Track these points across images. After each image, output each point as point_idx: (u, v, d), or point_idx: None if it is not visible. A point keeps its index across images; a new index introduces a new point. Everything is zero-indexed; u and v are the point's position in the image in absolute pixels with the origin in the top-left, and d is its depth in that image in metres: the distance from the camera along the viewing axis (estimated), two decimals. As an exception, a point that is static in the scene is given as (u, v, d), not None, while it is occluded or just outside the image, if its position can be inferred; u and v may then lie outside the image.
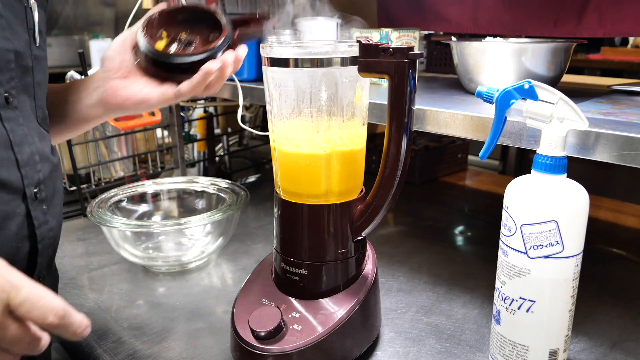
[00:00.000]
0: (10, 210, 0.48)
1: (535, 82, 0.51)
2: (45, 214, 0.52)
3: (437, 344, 0.66)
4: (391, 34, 0.88)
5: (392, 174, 0.56)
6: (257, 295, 0.63)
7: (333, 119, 0.57)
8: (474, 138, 0.62)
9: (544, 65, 0.71)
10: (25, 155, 0.49)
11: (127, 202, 0.94)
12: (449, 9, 1.14)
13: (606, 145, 0.51)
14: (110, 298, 0.78)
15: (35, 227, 0.50)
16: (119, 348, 0.67)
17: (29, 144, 0.50)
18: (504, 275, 0.55)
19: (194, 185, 0.99)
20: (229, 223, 0.89)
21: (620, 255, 0.92)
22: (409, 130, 0.54)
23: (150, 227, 0.86)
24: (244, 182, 1.34)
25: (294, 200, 0.59)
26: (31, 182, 0.50)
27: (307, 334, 0.56)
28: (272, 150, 0.61)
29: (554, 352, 0.54)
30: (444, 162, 1.38)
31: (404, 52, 0.51)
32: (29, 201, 0.49)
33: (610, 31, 0.91)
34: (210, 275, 0.86)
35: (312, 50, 0.54)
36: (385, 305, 0.75)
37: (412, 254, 0.92)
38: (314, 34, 0.90)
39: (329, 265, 0.60)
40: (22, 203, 0.49)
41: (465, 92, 0.80)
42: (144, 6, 1.06)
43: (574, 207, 0.51)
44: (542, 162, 0.51)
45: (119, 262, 0.90)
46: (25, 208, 0.49)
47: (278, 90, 0.58)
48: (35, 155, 0.51)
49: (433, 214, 1.13)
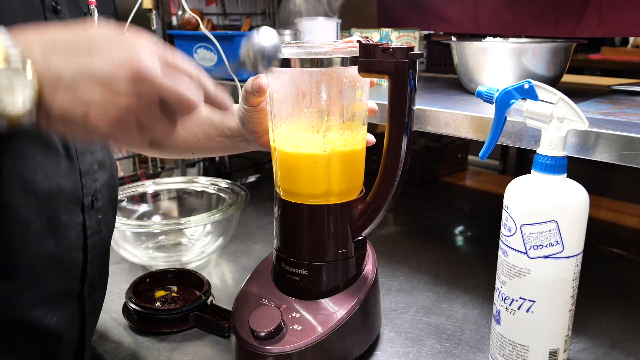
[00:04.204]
0: (71, 220, 0.48)
1: (535, 82, 0.51)
2: (99, 223, 0.52)
3: (437, 344, 0.66)
4: (391, 34, 0.88)
5: (392, 174, 0.56)
6: (257, 295, 0.63)
7: (333, 119, 0.57)
8: (474, 138, 0.62)
9: (544, 65, 0.71)
10: (86, 165, 0.49)
11: (127, 202, 0.94)
12: (449, 9, 1.14)
13: (606, 145, 0.51)
14: (110, 298, 0.78)
15: (88, 236, 0.50)
16: (119, 348, 0.66)
17: (91, 153, 0.50)
18: (504, 275, 0.55)
19: (194, 185, 0.99)
20: (229, 223, 0.89)
21: (620, 255, 0.92)
22: (409, 130, 0.54)
23: (150, 227, 0.86)
24: (244, 182, 1.34)
25: (294, 200, 0.59)
26: (89, 191, 0.50)
27: (307, 334, 0.56)
28: (272, 150, 0.61)
29: (554, 352, 0.54)
30: (444, 162, 1.38)
31: (404, 52, 0.51)
32: (85, 210, 0.49)
33: (610, 31, 0.91)
34: (210, 275, 0.86)
35: (312, 50, 0.54)
36: (385, 305, 0.75)
37: (412, 254, 0.92)
38: (314, 34, 0.90)
39: (329, 266, 0.60)
40: (80, 213, 0.49)
41: (465, 92, 0.80)
42: (144, 6, 1.06)
43: (574, 207, 0.51)
44: (542, 162, 0.51)
45: (119, 262, 0.90)
46: (82, 217, 0.49)
47: (278, 90, 0.58)
48: (95, 164, 0.51)
49: (433, 214, 1.13)
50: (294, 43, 0.60)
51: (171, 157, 0.74)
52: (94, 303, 0.54)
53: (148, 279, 0.76)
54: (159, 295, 0.75)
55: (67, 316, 0.50)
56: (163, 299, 0.74)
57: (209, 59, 1.03)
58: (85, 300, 0.52)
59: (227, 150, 0.69)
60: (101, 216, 0.52)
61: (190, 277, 0.77)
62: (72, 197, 0.48)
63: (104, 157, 0.53)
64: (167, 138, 0.37)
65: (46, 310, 0.47)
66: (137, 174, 1.23)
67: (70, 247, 0.48)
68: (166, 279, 0.77)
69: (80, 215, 0.49)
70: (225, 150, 0.69)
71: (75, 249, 0.49)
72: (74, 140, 0.48)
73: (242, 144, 0.66)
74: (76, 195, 0.48)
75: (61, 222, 0.47)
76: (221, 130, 0.66)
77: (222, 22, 1.23)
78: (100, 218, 0.52)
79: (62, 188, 0.46)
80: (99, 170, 0.52)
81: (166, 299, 0.73)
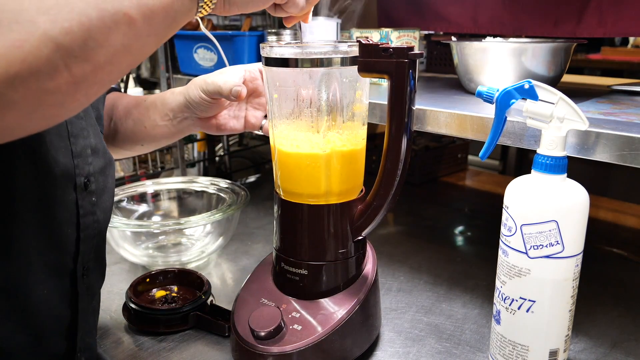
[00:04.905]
0: (63, 195, 0.50)
1: (535, 82, 0.51)
2: (93, 205, 0.54)
3: (437, 344, 0.66)
4: (391, 34, 0.88)
5: (392, 174, 0.56)
6: (257, 295, 0.63)
7: (333, 119, 0.57)
8: (474, 138, 0.62)
9: (544, 65, 0.71)
10: (79, 147, 0.52)
11: (127, 202, 0.94)
12: (449, 9, 1.14)
13: (606, 145, 0.51)
14: (110, 298, 0.78)
15: (80, 215, 0.52)
16: (118, 348, 0.67)
17: (84, 137, 0.53)
18: (504, 275, 0.55)
19: (194, 185, 0.99)
20: (229, 223, 0.89)
21: (620, 255, 0.92)
22: (409, 130, 0.54)
23: (150, 227, 0.86)
24: (244, 182, 1.34)
25: (294, 200, 0.59)
26: (82, 172, 0.52)
27: (307, 334, 0.56)
28: (272, 150, 0.61)
29: (554, 352, 0.54)
30: (444, 162, 1.38)
31: (404, 52, 0.51)
32: (77, 190, 0.52)
33: (610, 31, 0.91)
34: (210, 275, 0.86)
35: (312, 50, 0.54)
36: (385, 305, 0.75)
37: (412, 254, 0.92)
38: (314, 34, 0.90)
39: (329, 265, 0.60)
40: (73, 191, 0.51)
41: (465, 92, 0.80)
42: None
43: (574, 207, 0.51)
44: (542, 162, 0.51)
45: (119, 262, 0.90)
46: (75, 196, 0.51)
47: (278, 90, 0.58)
48: (88, 148, 0.53)
49: (433, 214, 1.13)
50: (294, 43, 0.60)
51: (125, 154, 0.76)
52: (88, 285, 0.55)
53: (148, 279, 0.76)
54: (159, 295, 0.75)
55: (57, 291, 0.51)
56: (163, 299, 0.74)
57: (209, 59, 1.03)
58: (78, 280, 0.53)
59: (172, 135, 0.72)
60: (95, 199, 0.54)
61: (190, 277, 0.77)
62: (65, 174, 0.50)
63: (97, 144, 0.55)
64: None
65: (36, 282, 0.48)
66: (137, 174, 1.23)
67: (63, 222, 0.50)
68: (166, 279, 0.77)
69: (72, 193, 0.51)
70: (171, 135, 0.72)
71: (69, 225, 0.51)
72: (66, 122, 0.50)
73: (186, 124, 0.70)
74: (68, 173, 0.50)
75: (56, 196, 0.49)
76: (164, 114, 0.69)
77: (222, 22, 1.24)
78: (94, 201, 0.54)
79: (57, 162, 0.49)
80: (92, 155, 0.54)
81: (166, 299, 0.73)
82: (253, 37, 0.98)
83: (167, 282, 0.77)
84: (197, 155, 1.37)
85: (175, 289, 0.76)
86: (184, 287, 0.76)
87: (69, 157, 0.51)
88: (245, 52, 0.98)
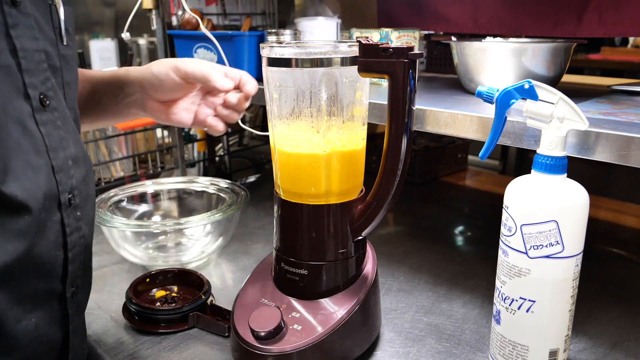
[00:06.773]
0: (48, 218, 0.46)
1: (535, 82, 0.51)
2: (78, 220, 0.50)
3: (437, 344, 0.66)
4: (391, 34, 0.88)
5: (392, 174, 0.56)
6: (257, 295, 0.63)
7: (333, 119, 0.57)
8: (473, 138, 0.62)
9: (544, 65, 0.71)
10: (59, 160, 0.47)
11: (127, 202, 0.94)
12: (449, 9, 1.14)
13: (606, 145, 0.51)
14: (110, 298, 0.78)
15: (67, 234, 0.49)
16: (119, 348, 0.66)
17: (64, 148, 0.48)
18: (504, 275, 0.55)
19: (194, 185, 0.99)
20: (229, 223, 0.89)
21: (620, 255, 0.92)
22: (409, 130, 0.54)
23: (150, 227, 0.86)
24: (244, 182, 1.34)
25: (294, 200, 0.59)
26: (65, 188, 0.48)
27: (307, 334, 0.56)
28: (272, 150, 0.61)
29: (554, 352, 0.54)
30: (444, 162, 1.38)
31: (404, 52, 0.51)
32: (62, 208, 0.48)
33: (610, 31, 0.91)
34: (210, 275, 0.86)
35: (312, 50, 0.54)
36: (385, 305, 0.75)
37: (412, 254, 0.92)
38: (314, 34, 0.90)
39: (329, 265, 0.60)
40: (57, 211, 0.47)
41: (465, 92, 0.80)
42: (144, 6, 1.06)
43: (574, 207, 0.51)
44: (542, 162, 0.51)
45: (119, 262, 0.90)
46: (60, 215, 0.48)
47: (278, 90, 0.58)
48: (69, 160, 0.49)
49: (433, 214, 1.13)
50: (294, 43, 0.60)
51: None
52: (78, 303, 0.52)
53: (148, 279, 0.76)
54: (159, 295, 0.75)
55: (47, 317, 0.48)
56: (163, 299, 0.74)
57: (209, 59, 1.03)
58: (68, 301, 0.50)
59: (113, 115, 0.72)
60: (80, 213, 0.50)
61: (190, 277, 0.77)
62: (48, 196, 0.46)
63: (78, 152, 0.51)
64: None
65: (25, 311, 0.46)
66: (137, 174, 1.23)
67: (50, 247, 0.47)
68: (166, 279, 0.77)
69: (57, 213, 0.47)
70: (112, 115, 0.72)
71: (56, 248, 0.48)
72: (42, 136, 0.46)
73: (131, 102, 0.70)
74: (51, 193, 0.46)
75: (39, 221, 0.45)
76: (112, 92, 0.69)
77: (222, 22, 1.23)
78: (79, 215, 0.50)
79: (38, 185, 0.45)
80: (74, 166, 0.50)
81: (166, 299, 0.73)
82: (253, 37, 0.98)
83: (167, 282, 0.77)
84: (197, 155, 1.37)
85: (175, 289, 0.76)
86: (184, 287, 0.76)
87: (50, 174, 0.46)
88: (245, 52, 0.98)
